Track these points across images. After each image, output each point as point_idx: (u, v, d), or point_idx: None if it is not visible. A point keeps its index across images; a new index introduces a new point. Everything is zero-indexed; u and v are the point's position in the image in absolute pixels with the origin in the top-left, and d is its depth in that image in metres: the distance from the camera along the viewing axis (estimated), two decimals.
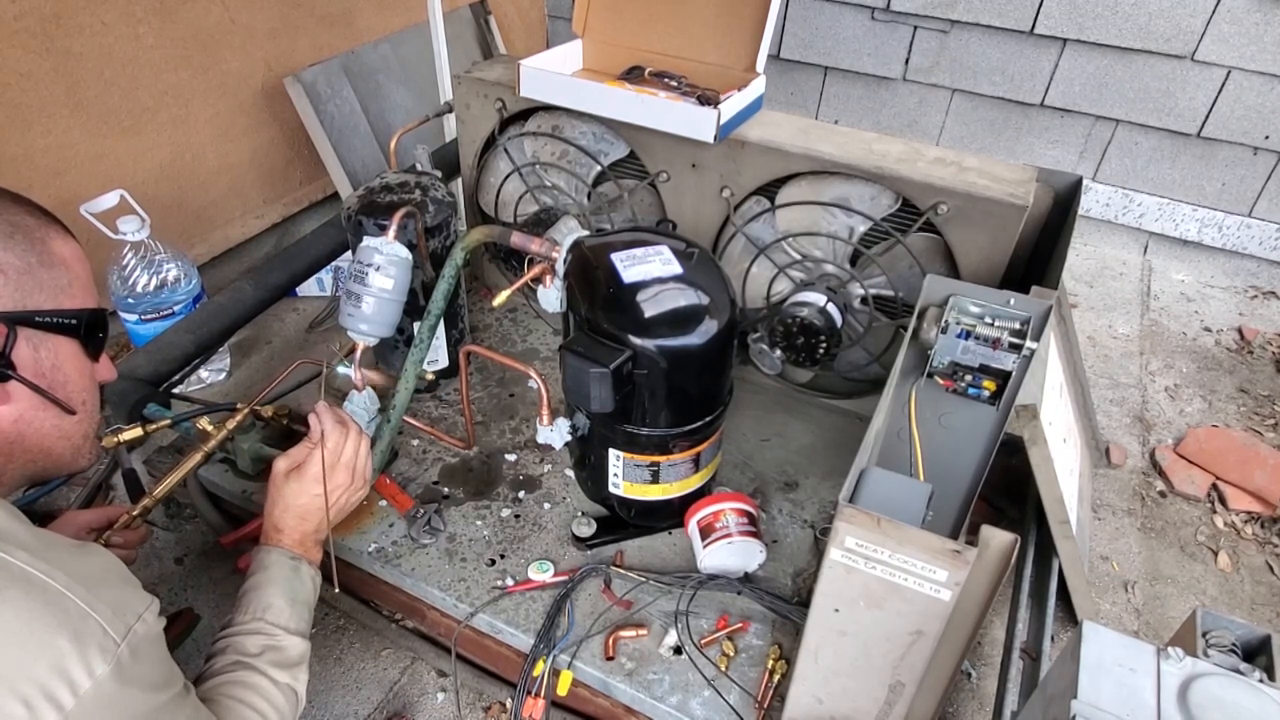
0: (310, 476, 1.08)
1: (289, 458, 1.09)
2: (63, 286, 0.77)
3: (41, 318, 0.75)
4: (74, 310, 0.78)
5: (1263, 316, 2.44)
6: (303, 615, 1.00)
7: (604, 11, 1.61)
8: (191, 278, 1.80)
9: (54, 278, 0.76)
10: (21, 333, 0.73)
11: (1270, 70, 2.27)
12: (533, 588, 1.25)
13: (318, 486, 1.08)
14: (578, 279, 1.19)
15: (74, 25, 1.71)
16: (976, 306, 1.07)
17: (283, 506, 1.06)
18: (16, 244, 0.74)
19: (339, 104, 2.25)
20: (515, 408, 1.60)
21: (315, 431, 1.12)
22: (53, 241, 0.77)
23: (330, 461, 1.09)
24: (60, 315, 0.77)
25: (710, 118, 1.35)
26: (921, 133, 2.81)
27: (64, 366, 0.79)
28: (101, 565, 0.72)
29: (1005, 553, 0.79)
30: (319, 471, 1.08)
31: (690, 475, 1.28)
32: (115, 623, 0.67)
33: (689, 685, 1.14)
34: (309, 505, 1.07)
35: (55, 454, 0.81)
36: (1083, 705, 0.70)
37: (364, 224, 1.36)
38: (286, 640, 0.96)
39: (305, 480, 1.07)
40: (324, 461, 1.09)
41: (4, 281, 0.72)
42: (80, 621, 0.65)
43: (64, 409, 0.79)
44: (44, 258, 0.76)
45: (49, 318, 0.76)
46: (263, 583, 0.99)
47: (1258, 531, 1.72)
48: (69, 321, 0.78)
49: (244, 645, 0.93)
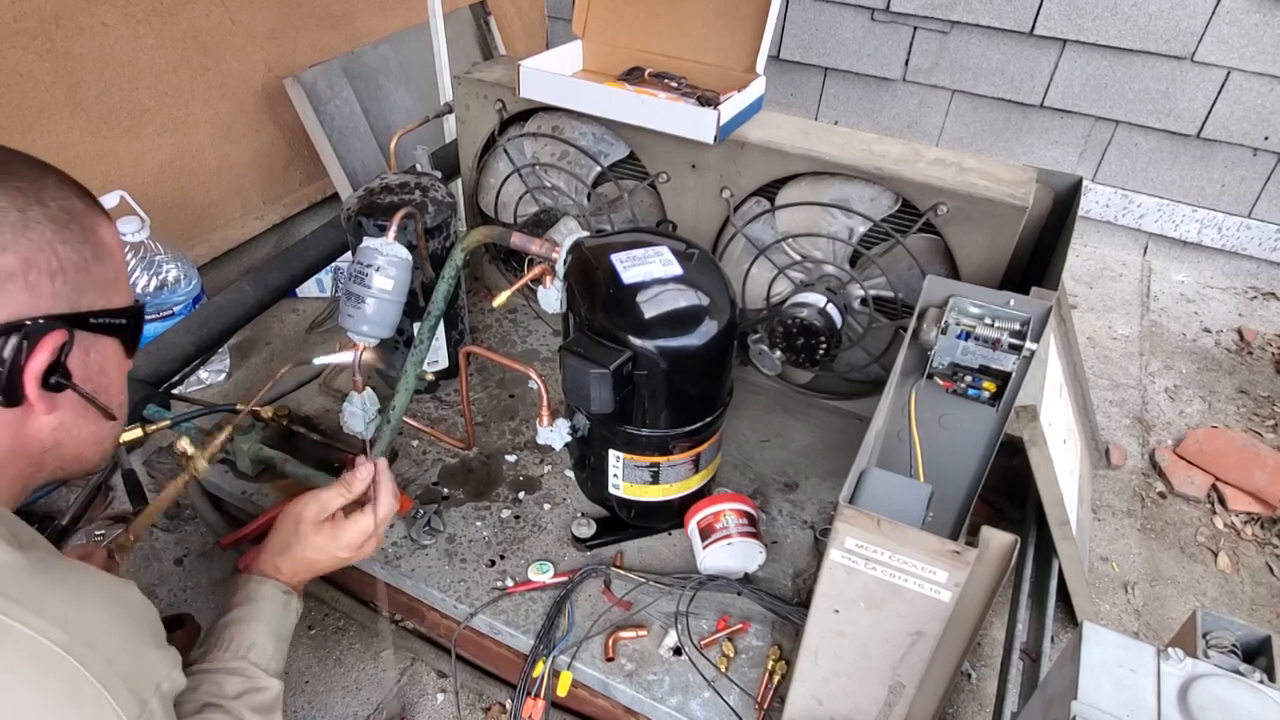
0: (344, 542, 0.98)
1: (319, 503, 0.99)
2: (111, 281, 0.71)
3: (96, 319, 0.69)
4: (124, 309, 0.72)
5: (1262, 317, 2.44)
6: (283, 653, 0.93)
7: (604, 12, 1.61)
8: (191, 278, 1.80)
9: (105, 272, 0.70)
10: (77, 336, 0.67)
11: (1270, 71, 2.27)
12: (532, 588, 1.25)
13: (346, 553, 0.99)
14: (578, 280, 1.19)
15: (74, 26, 1.71)
16: (976, 307, 1.07)
17: (298, 551, 0.97)
18: (73, 236, 0.67)
19: (339, 105, 2.25)
20: (515, 408, 1.60)
21: (357, 484, 1.01)
22: (101, 229, 0.70)
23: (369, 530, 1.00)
24: (112, 315, 0.71)
25: (710, 118, 1.35)
26: (921, 134, 2.81)
27: (109, 369, 0.73)
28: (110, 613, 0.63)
29: (1005, 554, 0.79)
30: (354, 540, 0.98)
31: (690, 476, 1.28)
32: (130, 703, 0.59)
33: (689, 686, 1.13)
34: (325, 561, 0.99)
35: (86, 459, 0.75)
36: (1083, 706, 0.70)
37: (364, 225, 1.36)
38: (266, 682, 0.88)
39: (338, 542, 0.98)
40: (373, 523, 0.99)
41: (63, 280, 0.65)
42: (93, 708, 0.56)
43: (106, 414, 0.73)
44: (97, 250, 0.69)
45: (102, 319, 0.70)
46: (250, 617, 0.91)
47: (1258, 532, 1.72)
48: (119, 322, 0.72)
49: (222, 686, 0.84)
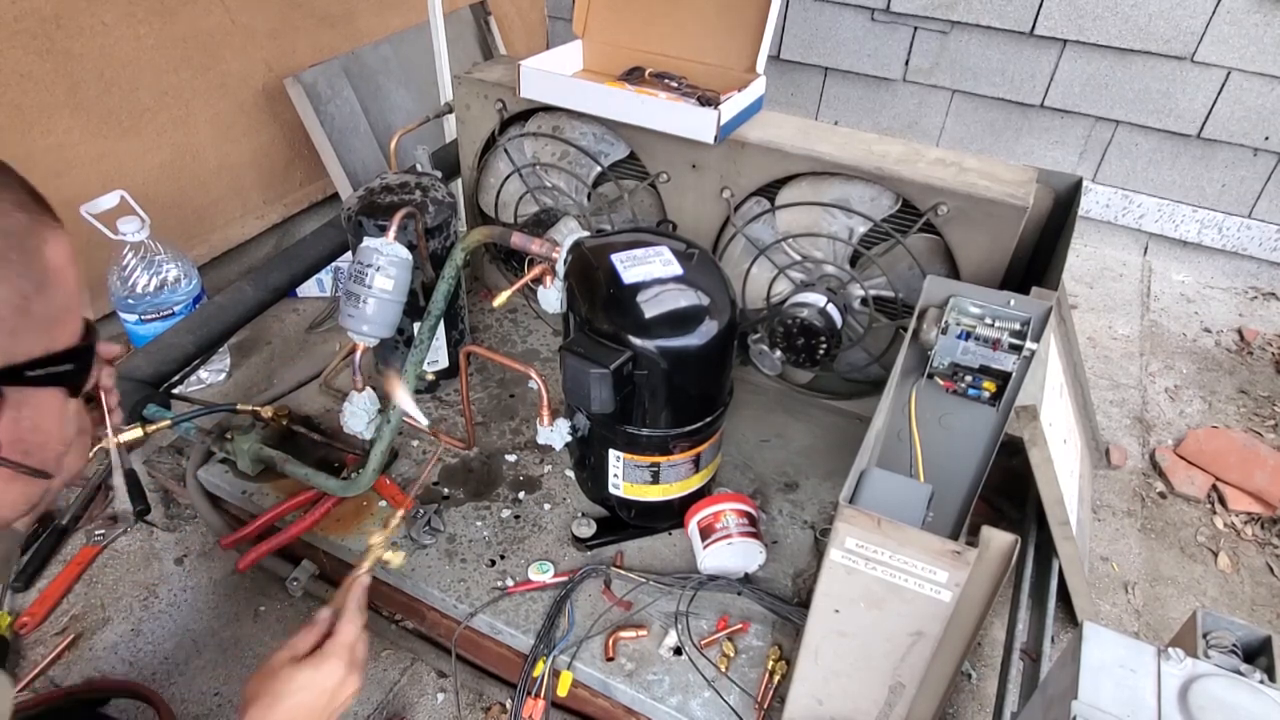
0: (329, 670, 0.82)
1: (287, 649, 0.84)
2: (56, 315, 0.59)
3: (33, 370, 0.57)
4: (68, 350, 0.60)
5: (1263, 317, 2.44)
6: None
7: (604, 12, 1.61)
8: (191, 278, 1.80)
9: (48, 306, 0.57)
10: (7, 395, 0.56)
11: (1270, 71, 2.27)
12: (533, 588, 1.25)
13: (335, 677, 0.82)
14: (578, 280, 1.19)
15: (74, 26, 1.71)
16: (976, 307, 1.07)
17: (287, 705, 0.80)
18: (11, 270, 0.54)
19: (339, 105, 2.25)
20: (515, 408, 1.60)
21: (320, 619, 0.88)
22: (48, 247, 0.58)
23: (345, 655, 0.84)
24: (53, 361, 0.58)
25: (710, 118, 1.35)
26: (921, 134, 2.81)
27: (44, 423, 0.60)
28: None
29: (1005, 554, 0.79)
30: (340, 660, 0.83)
31: (690, 476, 1.28)
32: None
33: (689, 686, 1.13)
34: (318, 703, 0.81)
35: (7, 519, 0.63)
36: (1083, 706, 0.70)
37: (364, 224, 1.36)
38: None
39: (323, 671, 0.82)
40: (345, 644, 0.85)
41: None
42: None
43: (39, 475, 0.61)
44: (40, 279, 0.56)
45: (41, 368, 0.57)
46: None
47: (1258, 532, 1.72)
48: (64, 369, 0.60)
49: None
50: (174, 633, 1.40)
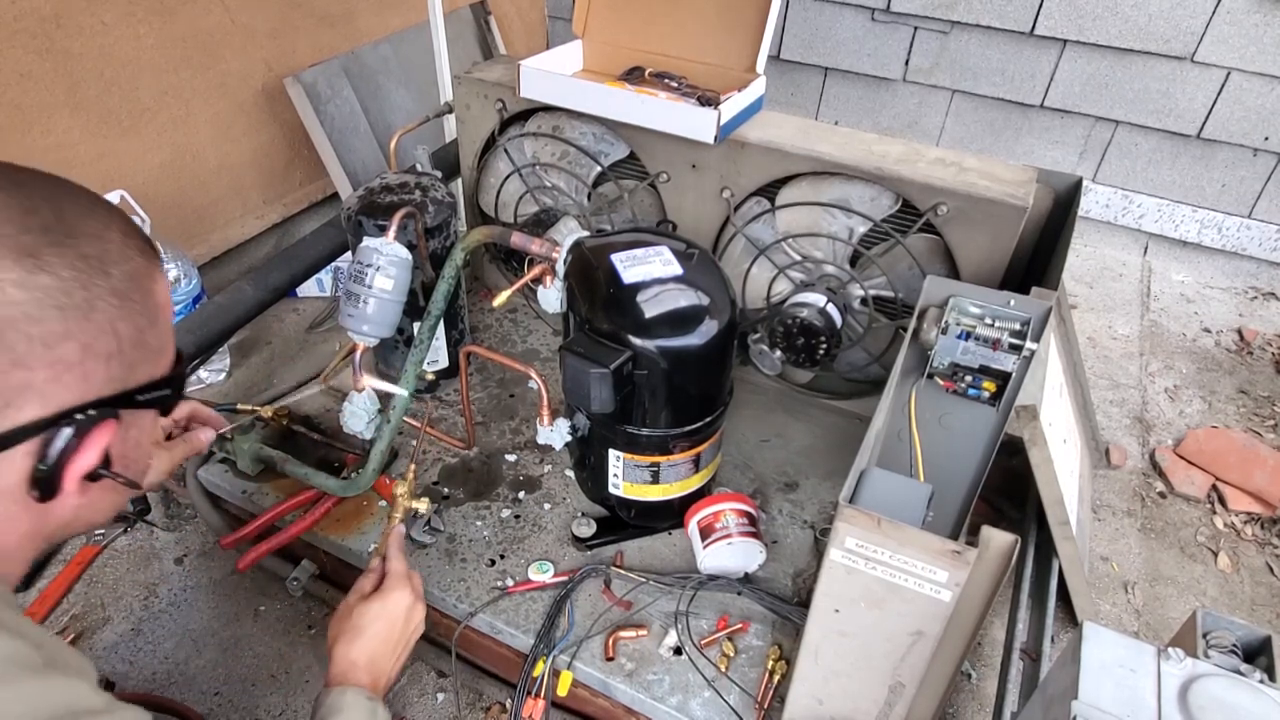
0: (394, 599, 0.96)
1: (355, 592, 0.98)
2: (162, 345, 0.64)
3: (143, 394, 0.63)
4: (169, 376, 0.65)
5: (1262, 317, 2.44)
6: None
7: (604, 12, 1.61)
8: (191, 278, 1.80)
9: (157, 336, 0.63)
10: (123, 416, 0.62)
11: (1270, 71, 2.27)
12: (533, 588, 1.25)
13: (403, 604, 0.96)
14: (578, 279, 1.19)
15: (74, 26, 1.71)
16: (976, 307, 1.07)
17: (367, 637, 0.92)
18: (133, 309, 0.60)
19: (339, 104, 2.25)
20: (515, 408, 1.60)
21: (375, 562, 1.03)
22: (157, 285, 0.63)
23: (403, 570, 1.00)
24: (159, 386, 0.64)
25: (710, 118, 1.35)
26: (921, 133, 2.81)
27: (143, 440, 0.67)
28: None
29: (1005, 553, 0.79)
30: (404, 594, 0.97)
31: (690, 476, 1.28)
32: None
33: (689, 686, 1.13)
34: (393, 634, 0.94)
35: (98, 524, 0.70)
36: (1083, 706, 0.70)
37: (364, 224, 1.36)
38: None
39: (389, 602, 0.95)
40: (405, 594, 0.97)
41: (118, 362, 0.59)
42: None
43: (134, 486, 0.67)
44: (153, 315, 0.62)
45: (150, 393, 0.63)
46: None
47: (1258, 532, 1.72)
48: (164, 393, 0.65)
49: None
50: (174, 632, 1.40)
